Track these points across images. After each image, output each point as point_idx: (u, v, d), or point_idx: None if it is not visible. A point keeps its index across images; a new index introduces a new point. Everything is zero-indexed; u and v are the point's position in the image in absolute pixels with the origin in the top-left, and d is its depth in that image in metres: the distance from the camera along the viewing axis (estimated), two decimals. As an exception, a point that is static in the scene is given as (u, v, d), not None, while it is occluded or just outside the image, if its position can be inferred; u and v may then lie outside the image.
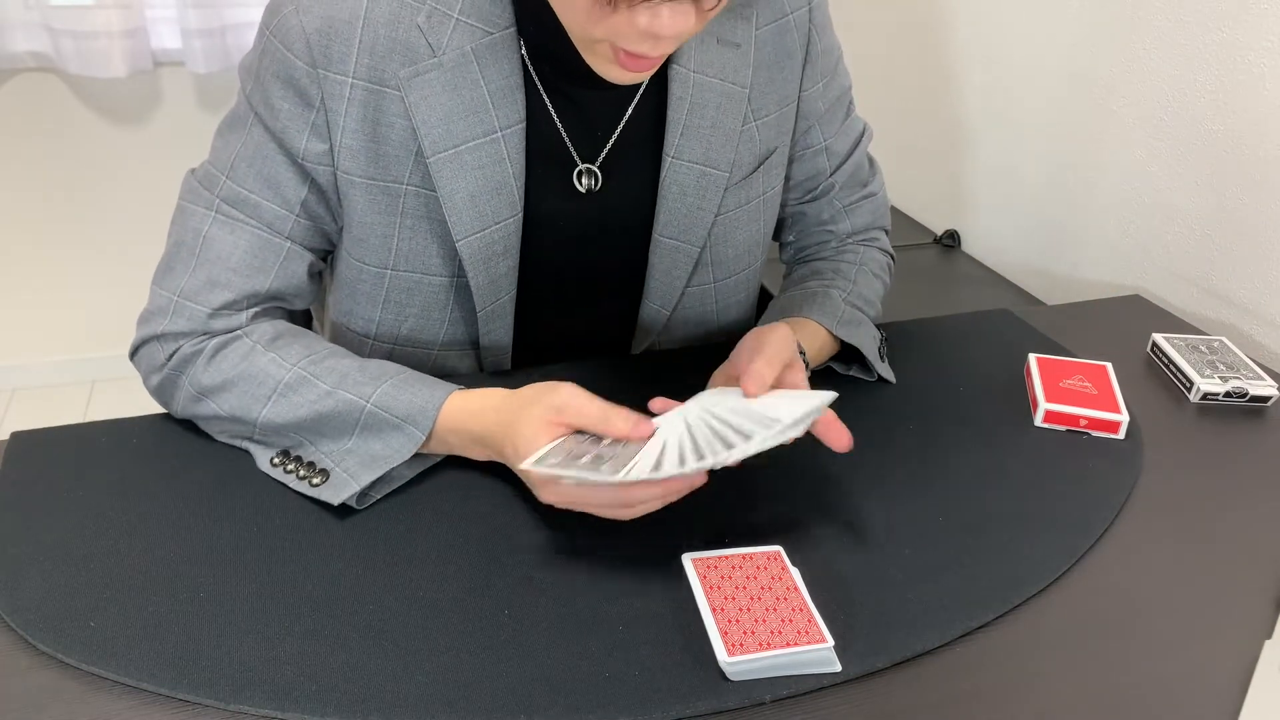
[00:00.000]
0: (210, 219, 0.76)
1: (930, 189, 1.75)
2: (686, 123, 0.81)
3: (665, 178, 0.82)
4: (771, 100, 0.86)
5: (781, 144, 0.89)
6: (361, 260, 0.81)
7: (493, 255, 0.80)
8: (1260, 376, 0.92)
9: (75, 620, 0.60)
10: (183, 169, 2.52)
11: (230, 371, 0.74)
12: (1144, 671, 0.61)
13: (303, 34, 0.72)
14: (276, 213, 0.77)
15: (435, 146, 0.75)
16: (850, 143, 0.95)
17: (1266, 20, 1.07)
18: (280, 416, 0.72)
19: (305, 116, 0.74)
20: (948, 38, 1.63)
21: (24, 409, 2.33)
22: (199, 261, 0.76)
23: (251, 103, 0.76)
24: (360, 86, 0.74)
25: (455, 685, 0.56)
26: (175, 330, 0.76)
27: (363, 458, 0.70)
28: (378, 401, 0.71)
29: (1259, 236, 1.11)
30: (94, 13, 1.98)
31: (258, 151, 0.76)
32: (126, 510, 0.69)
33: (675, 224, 0.84)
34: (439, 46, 0.73)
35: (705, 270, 0.88)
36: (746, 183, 0.87)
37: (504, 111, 0.76)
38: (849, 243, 0.98)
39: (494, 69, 0.75)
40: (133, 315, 0.83)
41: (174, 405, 0.78)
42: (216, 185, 0.77)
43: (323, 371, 0.73)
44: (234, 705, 0.55)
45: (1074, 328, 1.05)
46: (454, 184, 0.76)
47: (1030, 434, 0.84)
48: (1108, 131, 1.31)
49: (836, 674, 0.58)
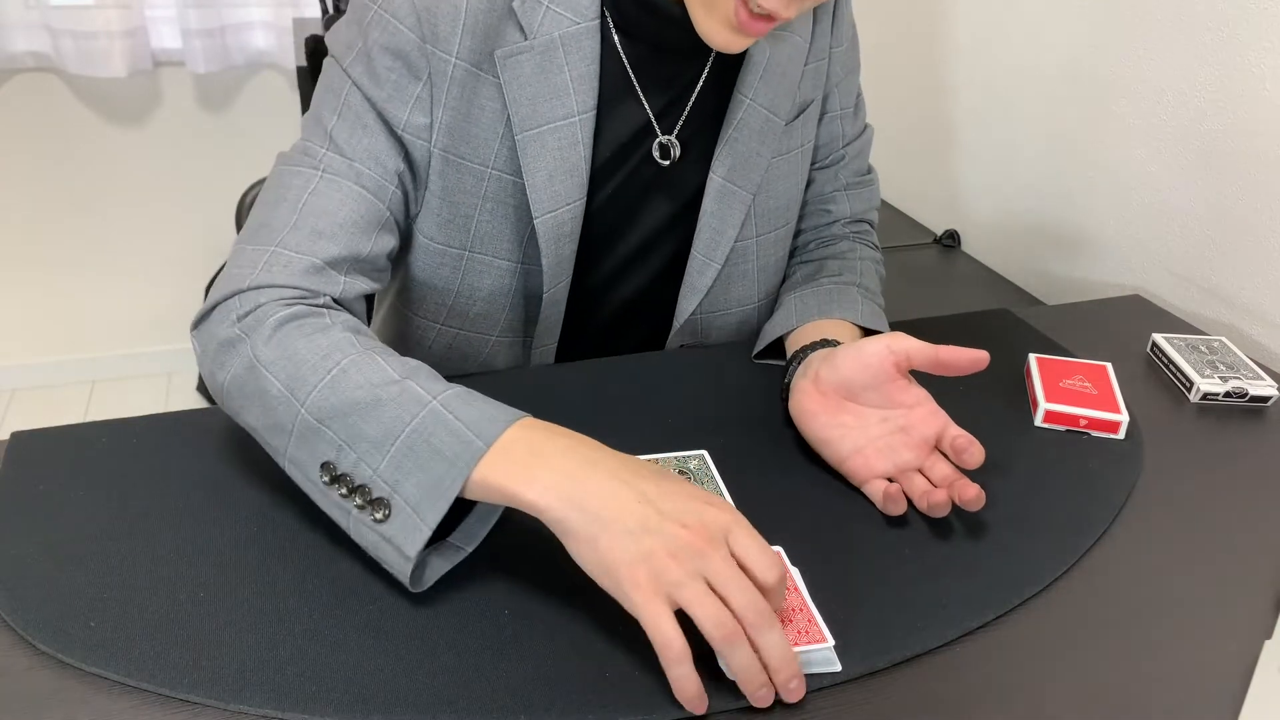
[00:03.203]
0: (316, 178, 0.74)
1: (930, 189, 1.75)
2: (767, 67, 0.85)
3: (738, 119, 0.86)
4: (813, 51, 0.91)
5: (816, 97, 0.93)
6: (446, 244, 0.83)
7: (561, 236, 0.83)
8: (1260, 376, 0.92)
9: (75, 620, 0.60)
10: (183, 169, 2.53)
11: (300, 342, 0.65)
12: (1144, 671, 0.61)
13: (413, 7, 0.74)
14: (377, 181, 0.76)
15: (523, 125, 0.78)
16: (859, 124, 1.00)
17: (1266, 20, 1.07)
18: (336, 395, 0.62)
19: (411, 89, 0.76)
20: (948, 37, 1.63)
21: (24, 409, 2.33)
22: (301, 216, 0.73)
23: (351, 75, 0.76)
24: (462, 67, 0.76)
25: (455, 685, 0.56)
26: (267, 282, 0.69)
27: (420, 481, 0.59)
28: (445, 401, 0.61)
29: (1259, 236, 1.11)
30: (94, 13, 1.98)
31: (358, 121, 0.76)
32: (126, 510, 0.69)
33: (738, 168, 0.87)
34: (531, 30, 0.77)
35: (750, 223, 0.91)
36: (789, 130, 0.91)
37: (581, 97, 0.79)
38: (845, 231, 1.01)
39: (577, 56, 0.78)
40: (133, 315, 0.83)
41: (224, 374, 0.67)
42: (318, 155, 0.76)
43: (394, 359, 0.65)
44: (234, 705, 0.55)
45: (1074, 328, 1.05)
46: (536, 162, 0.79)
47: (1030, 434, 0.84)
48: (1108, 131, 1.31)
49: (837, 674, 0.58)
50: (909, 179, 1.80)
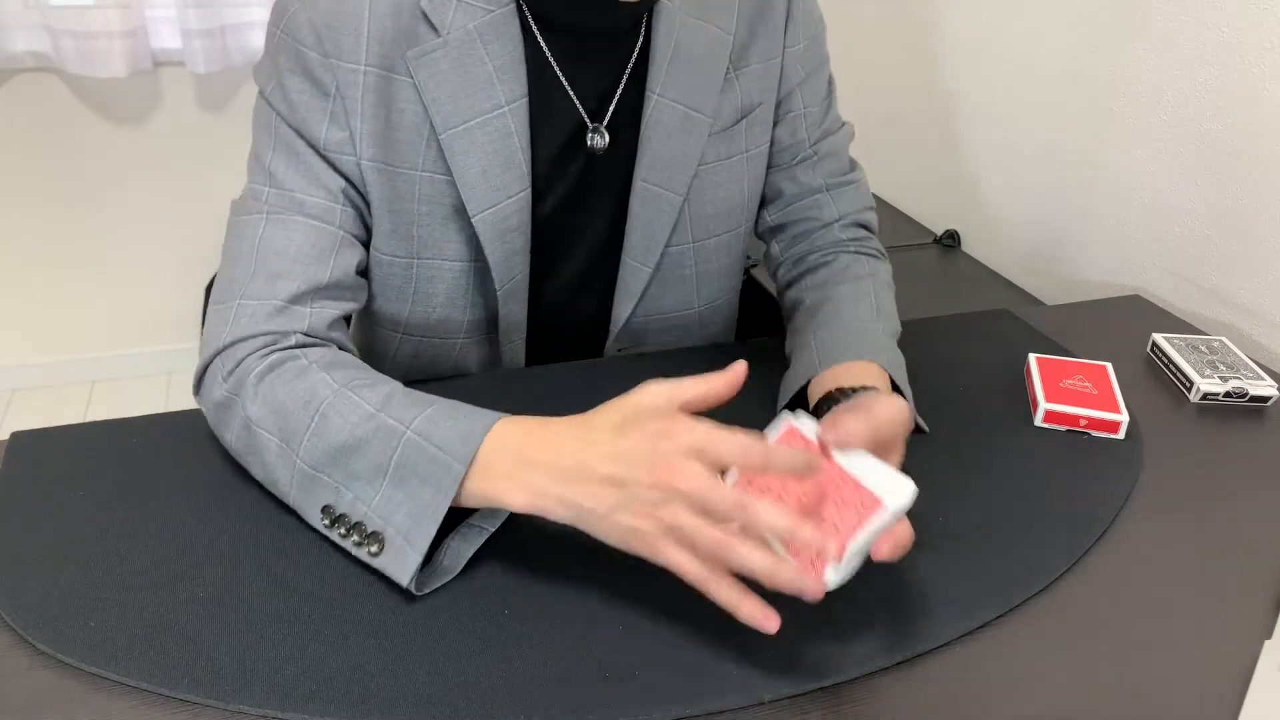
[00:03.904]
0: (263, 222, 0.75)
1: (930, 189, 1.75)
2: (672, 58, 0.82)
3: (650, 116, 0.83)
4: (755, 53, 0.87)
5: (766, 101, 0.90)
6: (392, 254, 0.82)
7: (507, 230, 0.81)
8: (1260, 376, 0.92)
9: (75, 620, 0.60)
10: (183, 169, 2.54)
11: (282, 392, 0.68)
12: (1144, 671, 0.61)
13: (312, 27, 0.73)
14: (323, 204, 0.76)
15: (446, 123, 0.77)
16: (831, 121, 0.95)
17: (1266, 20, 1.07)
18: (323, 441, 0.65)
19: (323, 106, 0.75)
20: (948, 37, 1.63)
21: (24, 409, 2.33)
22: (257, 263, 0.74)
23: (273, 105, 0.76)
24: (373, 74, 0.75)
25: (455, 685, 0.56)
26: (237, 336, 0.72)
27: (409, 510, 0.62)
28: (418, 429, 0.63)
29: (1259, 236, 1.11)
30: (94, 13, 1.98)
31: (289, 150, 0.76)
32: (126, 510, 0.70)
33: (659, 168, 0.84)
34: (443, 26, 0.75)
35: (684, 228, 0.88)
36: (729, 134, 0.87)
37: (508, 87, 0.77)
38: (842, 237, 0.95)
39: (497, 45, 0.77)
40: (132, 315, 0.83)
41: (228, 434, 0.72)
42: (262, 195, 0.76)
43: (368, 391, 0.67)
44: (234, 705, 0.55)
45: (1074, 328, 1.05)
46: (466, 160, 0.78)
47: (1030, 434, 0.84)
48: (1108, 131, 1.31)
49: (836, 674, 0.58)
50: (909, 179, 1.80)
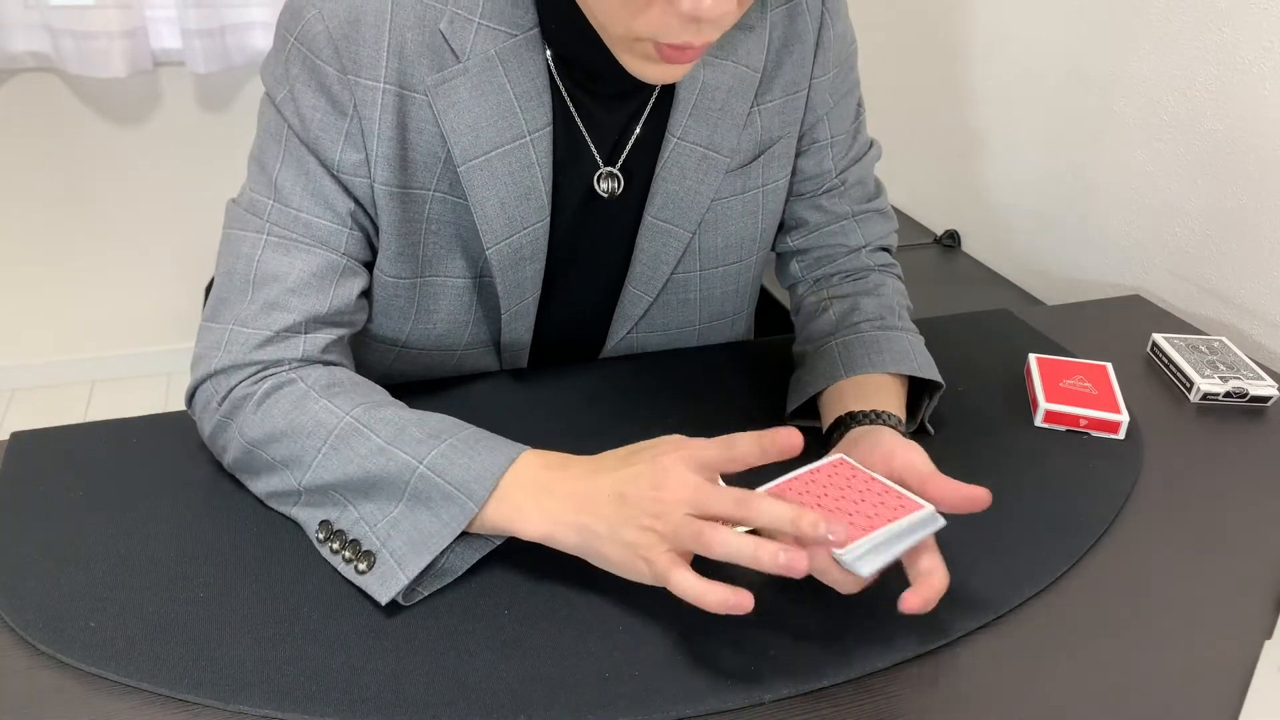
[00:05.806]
0: (262, 243, 0.72)
1: (930, 189, 1.75)
2: (696, 103, 0.80)
3: (666, 158, 0.80)
4: (778, 85, 0.84)
5: (787, 135, 0.86)
6: (397, 276, 0.79)
7: (520, 260, 0.79)
8: (1260, 376, 0.92)
9: (75, 620, 0.60)
10: (183, 169, 2.54)
11: (281, 420, 0.68)
12: (1144, 671, 0.61)
13: (329, 38, 0.69)
14: (330, 228, 0.73)
15: (465, 154, 0.73)
16: (859, 146, 0.92)
17: (1266, 20, 1.07)
18: (329, 473, 0.66)
19: (339, 125, 0.71)
20: (948, 38, 1.63)
21: (24, 409, 2.33)
22: (254, 287, 0.72)
23: (284, 114, 0.72)
24: (391, 92, 0.71)
25: (455, 685, 0.56)
26: (229, 363, 0.71)
27: (410, 536, 0.62)
28: (431, 464, 0.63)
29: (1259, 236, 1.11)
30: (94, 13, 1.98)
31: (299, 166, 0.72)
32: (126, 510, 0.70)
33: (670, 206, 0.83)
34: (463, 52, 0.71)
35: (692, 258, 0.87)
36: (744, 171, 0.85)
37: (531, 115, 0.74)
38: (869, 262, 0.93)
39: (519, 71, 0.73)
40: (132, 315, 0.83)
41: (226, 457, 0.72)
42: (264, 210, 0.73)
43: (377, 422, 0.67)
44: (234, 705, 0.55)
45: (1074, 328, 1.05)
46: (485, 192, 0.75)
47: (1030, 434, 0.84)
48: (1108, 131, 1.31)
49: (836, 674, 0.58)
50: (909, 179, 1.80)
